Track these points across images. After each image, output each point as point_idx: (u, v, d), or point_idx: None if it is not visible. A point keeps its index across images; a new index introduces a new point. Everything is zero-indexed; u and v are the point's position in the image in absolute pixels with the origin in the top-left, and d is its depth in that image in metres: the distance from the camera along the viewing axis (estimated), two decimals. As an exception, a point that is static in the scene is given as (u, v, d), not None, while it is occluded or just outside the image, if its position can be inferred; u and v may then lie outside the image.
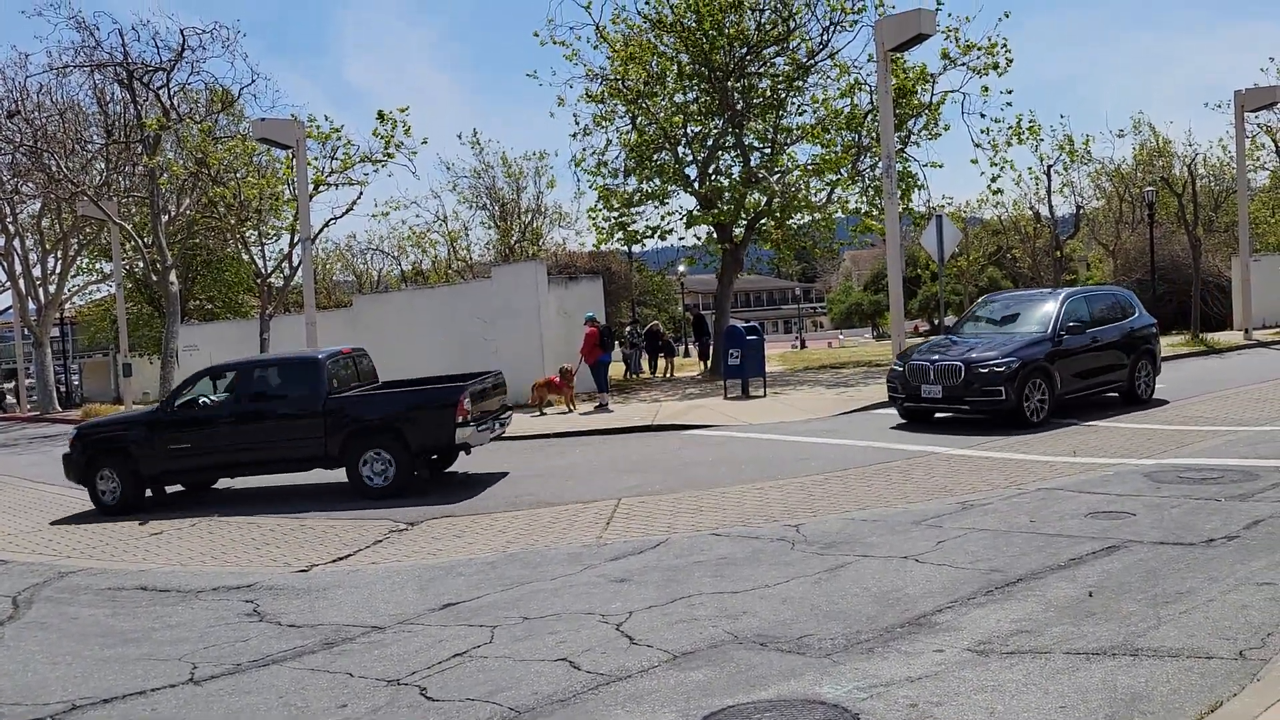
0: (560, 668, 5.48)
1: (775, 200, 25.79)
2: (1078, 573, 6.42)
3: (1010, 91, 27.33)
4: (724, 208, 25.46)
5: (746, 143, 26.57)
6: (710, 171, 26.50)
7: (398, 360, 21.51)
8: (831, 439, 13.43)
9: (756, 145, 27.04)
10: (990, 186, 37.32)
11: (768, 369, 21.38)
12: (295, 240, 26.43)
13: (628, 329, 30.35)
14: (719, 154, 26.92)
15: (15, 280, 37.83)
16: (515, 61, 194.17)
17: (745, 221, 26.35)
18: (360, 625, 6.68)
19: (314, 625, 6.79)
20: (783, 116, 26.66)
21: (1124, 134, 50.23)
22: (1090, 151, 37.18)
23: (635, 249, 32.61)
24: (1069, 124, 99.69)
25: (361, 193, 28.46)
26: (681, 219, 26.67)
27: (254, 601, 7.56)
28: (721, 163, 27.29)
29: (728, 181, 26.52)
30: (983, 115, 55.33)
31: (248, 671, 5.93)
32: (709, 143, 26.63)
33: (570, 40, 25.82)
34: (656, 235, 27.05)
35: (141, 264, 38.42)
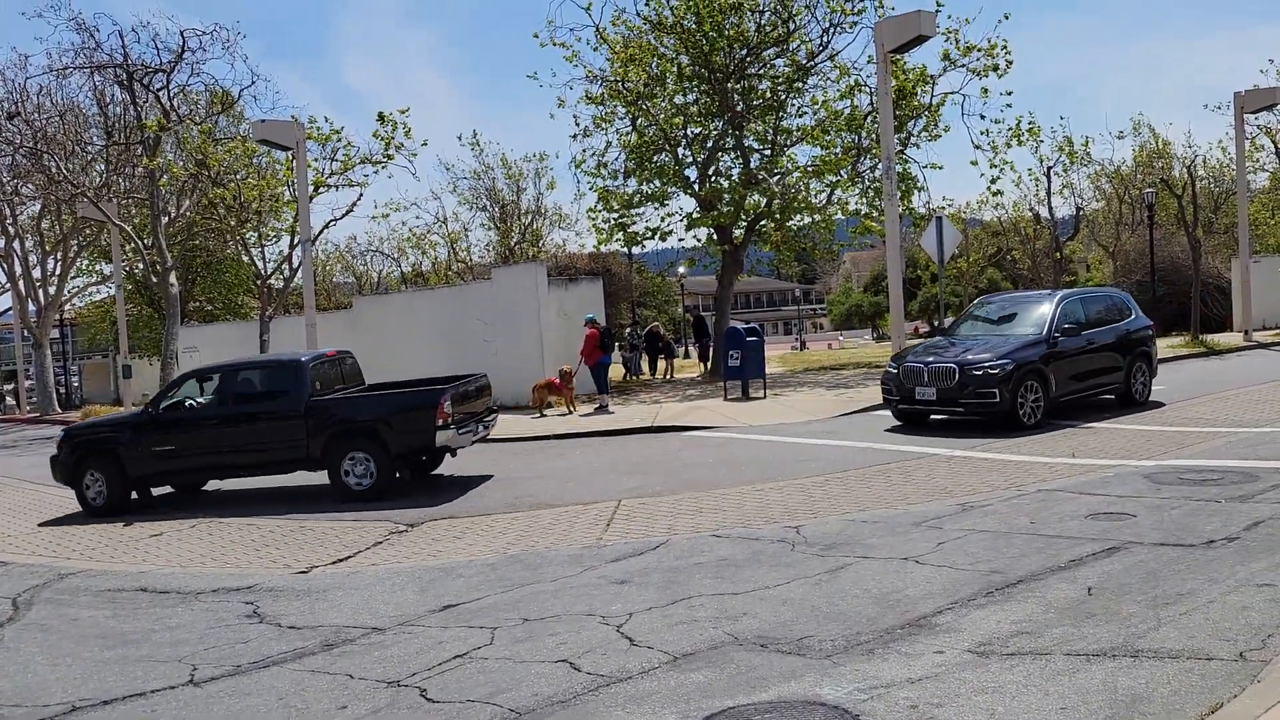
0: (561, 669, 5.48)
1: (775, 202, 25.79)
2: (1078, 574, 6.42)
3: (1010, 93, 27.53)
4: (724, 209, 25.46)
5: (746, 144, 26.57)
6: (710, 173, 26.50)
7: (398, 362, 21.53)
8: (831, 440, 13.43)
9: (756, 147, 27.04)
10: (990, 188, 37.22)
11: (767, 370, 21.38)
12: (295, 242, 26.44)
13: (628, 330, 30.36)
14: (719, 155, 26.93)
15: (15, 282, 37.85)
16: (515, 64, 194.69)
17: (745, 223, 26.35)
18: (360, 626, 6.68)
19: (314, 627, 6.79)
20: (782, 118, 26.65)
21: (1124, 135, 50.18)
22: (1090, 153, 37.16)
23: (635, 250, 32.64)
24: (1069, 125, 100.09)
25: (361, 194, 28.66)
26: (681, 220, 26.71)
27: (254, 603, 7.56)
28: (721, 164, 27.32)
29: (728, 183, 26.51)
30: (983, 117, 55.84)
31: (248, 673, 5.93)
32: (709, 144, 26.63)
33: (570, 42, 25.81)
34: (656, 237, 27.06)
35: (141, 265, 38.40)
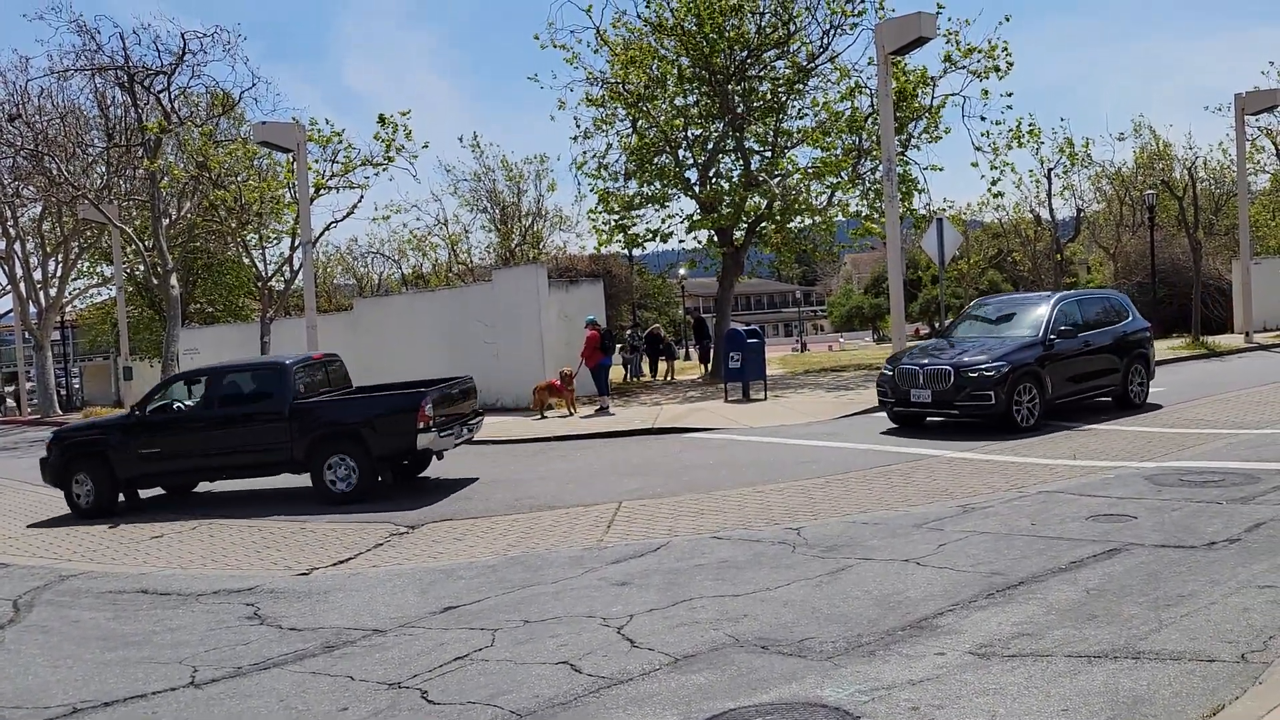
0: (561, 671, 5.48)
1: (776, 203, 25.78)
2: (1079, 576, 6.41)
3: (1010, 94, 27.36)
4: (724, 211, 25.44)
5: (747, 146, 26.56)
6: (711, 175, 26.50)
7: (398, 364, 21.55)
8: (832, 442, 13.42)
9: (757, 148, 27.03)
10: (991, 189, 37.31)
11: (768, 372, 21.38)
12: (296, 244, 26.45)
13: (628, 332, 30.36)
14: (719, 157, 26.93)
15: (16, 284, 37.83)
16: (515, 65, 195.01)
17: (746, 225, 26.34)
18: (361, 628, 6.68)
19: (315, 628, 6.79)
20: (783, 120, 26.63)
21: (1124, 137, 50.16)
22: (1090, 154, 37.13)
23: (636, 252, 32.65)
24: (1069, 127, 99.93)
25: (362, 196, 28.59)
26: (682, 222, 26.69)
27: (255, 605, 7.56)
28: (722, 166, 27.32)
29: (728, 185, 26.51)
30: (983, 118, 55.59)
31: (249, 675, 5.93)
32: (709, 146, 26.64)
33: (570, 44, 25.80)
34: (657, 238, 27.06)
35: (142, 267, 38.41)
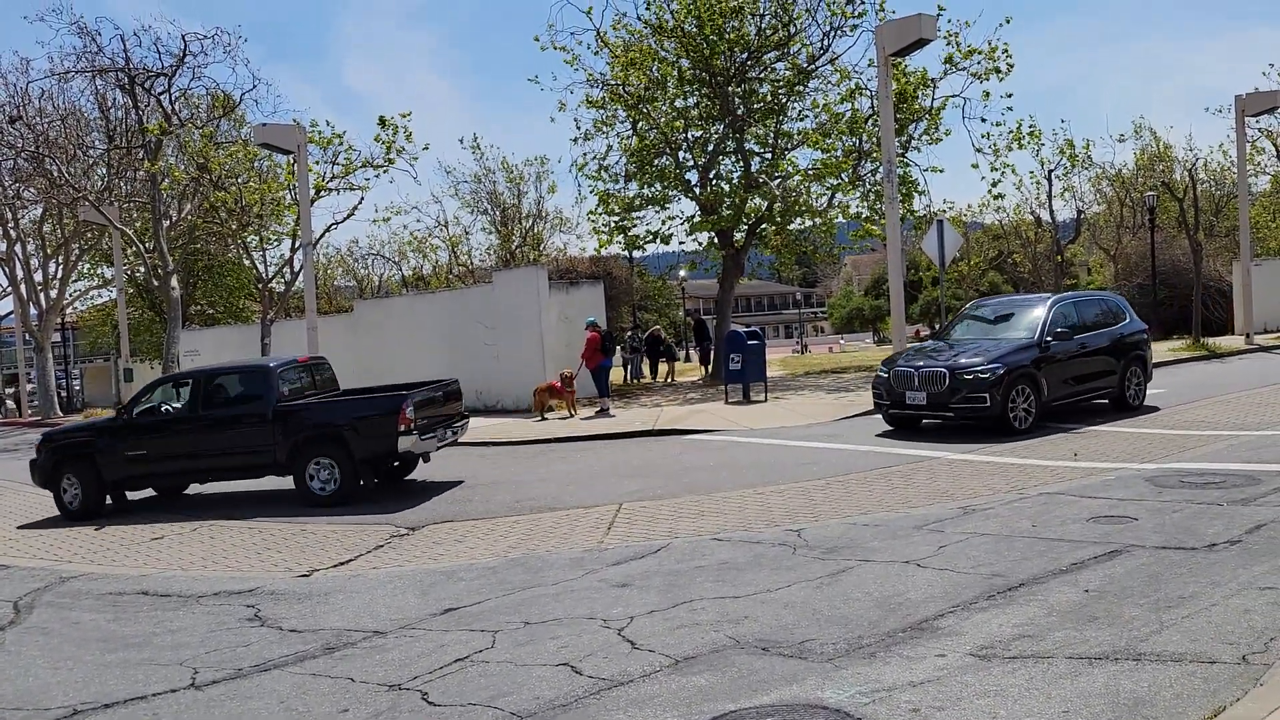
0: (562, 672, 5.47)
1: (776, 205, 25.78)
2: (1080, 577, 6.41)
3: (1010, 96, 27.42)
4: (725, 213, 25.45)
5: (747, 148, 26.58)
6: (711, 176, 26.51)
7: (399, 365, 21.56)
8: (832, 444, 13.42)
9: (757, 150, 27.05)
10: (991, 191, 37.41)
11: (768, 374, 21.39)
12: (296, 245, 26.44)
13: (629, 334, 30.34)
14: (720, 159, 26.94)
15: (17, 285, 37.85)
16: (515, 67, 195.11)
17: (746, 226, 26.34)
18: (361, 630, 6.68)
19: (315, 630, 6.78)
20: (783, 121, 26.65)
21: (1125, 139, 50.00)
22: (1091, 156, 37.15)
23: (636, 254, 32.66)
24: (1069, 128, 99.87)
25: (363, 198, 28.57)
26: (682, 224, 26.71)
27: (255, 606, 7.56)
28: (722, 167, 27.32)
29: (728, 186, 26.52)
30: (983, 120, 55.40)
31: (249, 676, 5.93)
32: (710, 147, 26.65)
33: (571, 45, 25.93)
34: (657, 240, 27.08)
35: (143, 269, 38.43)
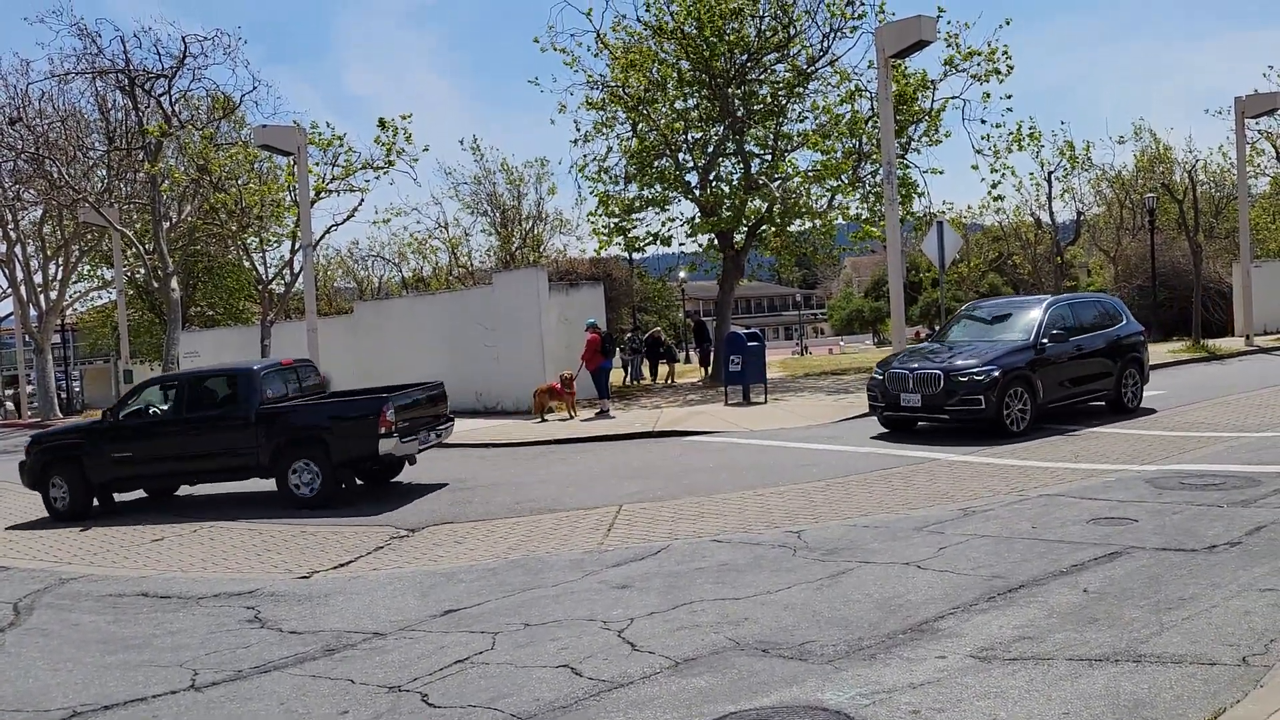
0: (562, 674, 5.47)
1: (776, 207, 25.78)
2: (1080, 579, 6.41)
3: (1010, 97, 27.60)
4: (724, 214, 25.46)
5: (747, 149, 26.58)
6: (711, 178, 26.51)
7: (399, 367, 21.56)
8: (832, 445, 13.42)
9: (757, 152, 27.06)
10: (991, 193, 37.34)
11: (768, 375, 21.38)
12: (296, 247, 26.44)
13: (628, 335, 30.33)
14: (719, 160, 26.95)
15: (16, 287, 37.85)
16: (516, 68, 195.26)
17: (746, 228, 26.35)
18: (361, 631, 6.68)
19: (315, 631, 6.78)
20: (783, 123, 26.67)
21: (1124, 140, 50.03)
22: (1091, 157, 37.21)
23: (636, 255, 32.63)
24: (1069, 130, 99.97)
25: (363, 199, 28.52)
26: (682, 226, 26.72)
27: (255, 608, 7.55)
28: (722, 169, 27.33)
29: (728, 188, 26.53)
30: (983, 121, 56.00)
31: (249, 678, 5.93)
32: (709, 149, 26.65)
33: (571, 47, 26.03)
34: (657, 241, 27.08)
35: (143, 270, 38.47)
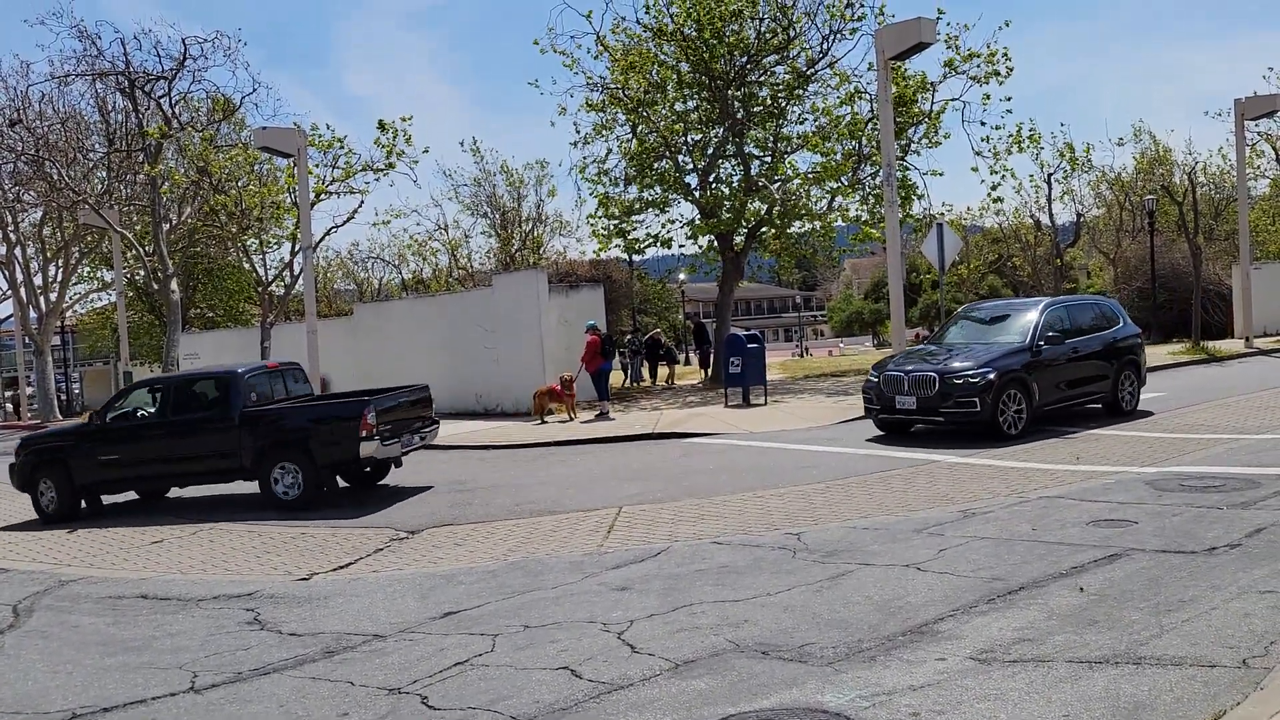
0: (562, 676, 5.47)
1: (775, 208, 25.79)
2: (1080, 581, 6.40)
3: (1010, 99, 27.51)
4: (724, 216, 25.46)
5: (747, 151, 26.59)
6: (711, 180, 26.52)
7: (399, 368, 21.56)
8: (832, 447, 13.42)
9: (757, 154, 27.06)
10: (990, 194, 37.40)
11: (768, 377, 21.39)
12: (296, 249, 26.44)
13: (628, 337, 30.32)
14: (719, 162, 26.94)
15: (16, 288, 37.80)
16: (516, 70, 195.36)
17: (746, 230, 26.36)
18: (361, 633, 6.67)
19: (315, 634, 6.78)
20: (783, 125, 26.67)
21: (1124, 142, 50.39)
22: (1090, 159, 37.22)
23: (636, 257, 32.62)
24: (1069, 132, 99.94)
25: (363, 201, 28.51)
26: (682, 227, 26.72)
27: (255, 610, 7.55)
28: (722, 171, 27.33)
29: (728, 190, 26.53)
30: (983, 123, 55.85)
31: (249, 680, 5.92)
32: (709, 151, 26.65)
33: (570, 49, 25.96)
34: (657, 243, 27.09)
35: (143, 272, 38.45)
